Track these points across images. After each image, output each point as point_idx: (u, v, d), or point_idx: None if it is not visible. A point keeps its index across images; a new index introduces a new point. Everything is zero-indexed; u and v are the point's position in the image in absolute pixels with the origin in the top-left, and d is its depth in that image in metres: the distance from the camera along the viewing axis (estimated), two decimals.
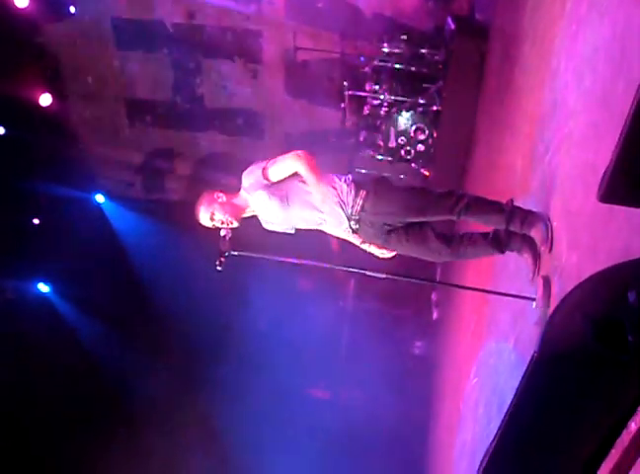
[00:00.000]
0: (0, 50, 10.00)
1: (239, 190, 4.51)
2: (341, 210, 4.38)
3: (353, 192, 4.36)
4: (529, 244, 4.35)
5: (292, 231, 4.59)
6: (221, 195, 4.46)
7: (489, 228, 4.50)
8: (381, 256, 4.71)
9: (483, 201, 4.46)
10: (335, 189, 4.38)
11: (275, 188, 4.37)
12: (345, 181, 4.41)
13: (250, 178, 4.43)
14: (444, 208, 4.36)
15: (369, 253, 4.76)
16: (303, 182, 4.37)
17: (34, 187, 11.00)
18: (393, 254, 4.68)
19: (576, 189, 3.82)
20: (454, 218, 4.41)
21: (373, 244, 4.63)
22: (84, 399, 11.25)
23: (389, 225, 4.45)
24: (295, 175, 4.38)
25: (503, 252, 4.45)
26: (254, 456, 10.27)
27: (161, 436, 10.86)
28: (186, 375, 11.20)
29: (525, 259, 4.39)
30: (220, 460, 10.63)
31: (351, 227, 4.45)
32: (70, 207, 11.39)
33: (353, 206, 4.36)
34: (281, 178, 4.36)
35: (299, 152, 4.32)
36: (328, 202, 4.37)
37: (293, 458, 10.08)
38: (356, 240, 4.64)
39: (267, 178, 4.37)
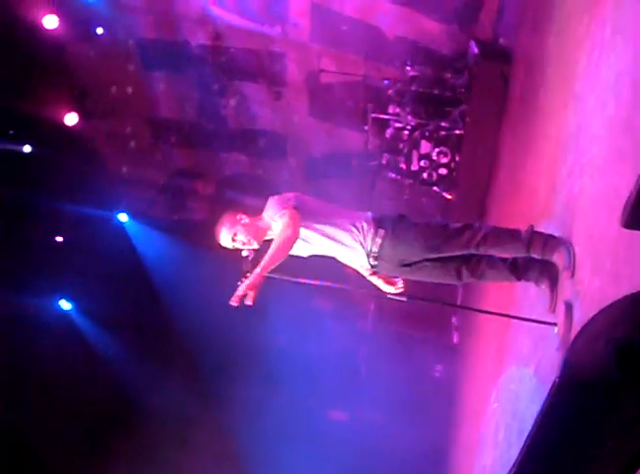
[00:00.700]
0: (28, 70, 10.14)
1: (261, 212, 4.54)
2: (360, 248, 4.44)
3: (372, 230, 4.42)
4: (548, 275, 4.35)
5: (306, 256, 4.62)
6: (243, 216, 4.49)
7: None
8: (387, 291, 4.71)
9: (501, 231, 4.49)
10: (356, 227, 4.44)
11: None
12: (365, 219, 4.46)
13: (269, 212, 4.47)
14: (462, 243, 4.38)
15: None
16: (322, 222, 4.43)
17: (58, 205, 11.09)
18: (400, 290, 4.69)
19: (599, 213, 3.81)
20: (474, 251, 4.42)
21: (390, 276, 4.66)
22: (103, 416, 11.29)
23: (407, 260, 4.48)
24: (312, 216, 4.42)
25: (519, 279, 4.45)
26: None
27: (177, 453, 10.86)
28: (204, 392, 11.21)
29: (543, 290, 4.39)
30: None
31: (370, 264, 4.49)
32: (93, 226, 11.46)
33: (372, 244, 4.41)
34: None
35: (290, 226, 4.28)
36: (347, 240, 4.44)
37: None
38: (365, 272, 4.68)
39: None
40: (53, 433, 10.95)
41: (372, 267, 4.54)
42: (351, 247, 4.46)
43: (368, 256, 4.46)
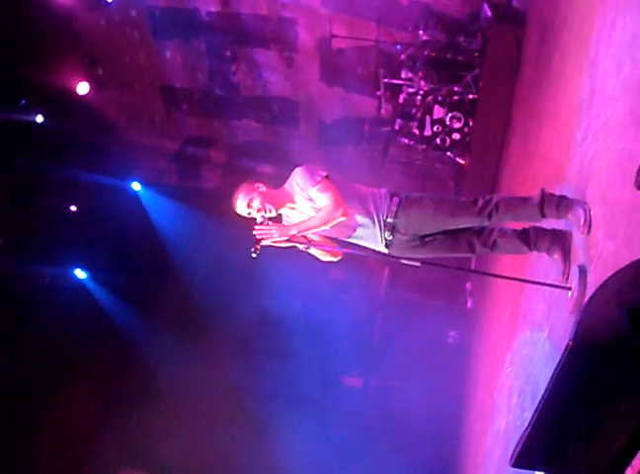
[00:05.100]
0: (39, 39, 10.11)
1: (282, 184, 4.56)
2: (376, 222, 4.47)
3: (387, 200, 4.48)
4: (560, 245, 4.35)
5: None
6: (261, 185, 4.52)
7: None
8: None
9: (513, 197, 4.55)
10: (371, 199, 4.49)
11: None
12: (379, 192, 4.54)
13: (298, 181, 4.47)
14: (475, 211, 4.39)
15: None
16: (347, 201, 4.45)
17: (71, 174, 11.11)
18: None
19: (613, 177, 3.78)
20: (486, 221, 4.41)
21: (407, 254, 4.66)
22: (117, 385, 11.43)
23: (421, 233, 4.50)
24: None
25: (531, 249, 4.45)
26: (284, 439, 10.34)
27: (190, 422, 10.99)
28: (218, 360, 11.28)
29: (555, 260, 4.39)
30: (250, 440, 10.69)
31: (385, 238, 4.50)
32: (107, 195, 11.50)
33: (387, 213, 4.45)
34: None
35: (340, 205, 4.34)
36: (367, 218, 4.47)
37: (324, 444, 10.13)
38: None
39: (309, 197, 4.45)
40: (69, 398, 11.12)
41: (387, 244, 4.54)
42: (368, 225, 4.49)
43: (383, 228, 4.48)
